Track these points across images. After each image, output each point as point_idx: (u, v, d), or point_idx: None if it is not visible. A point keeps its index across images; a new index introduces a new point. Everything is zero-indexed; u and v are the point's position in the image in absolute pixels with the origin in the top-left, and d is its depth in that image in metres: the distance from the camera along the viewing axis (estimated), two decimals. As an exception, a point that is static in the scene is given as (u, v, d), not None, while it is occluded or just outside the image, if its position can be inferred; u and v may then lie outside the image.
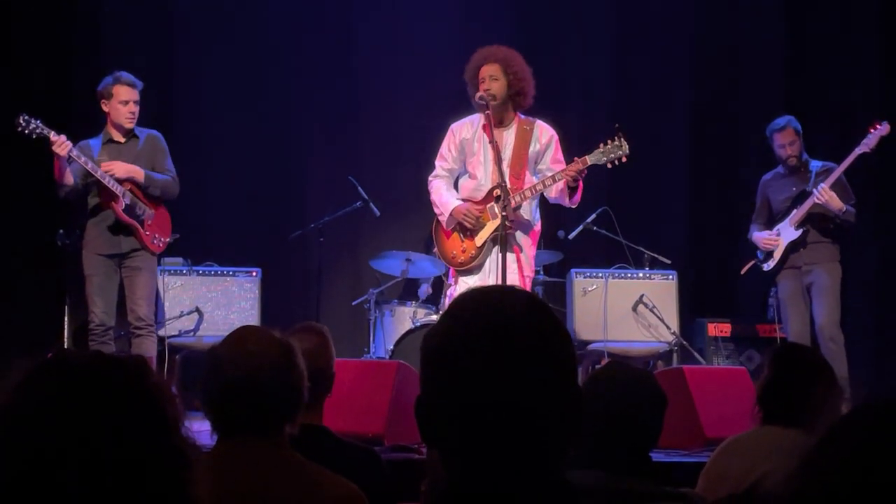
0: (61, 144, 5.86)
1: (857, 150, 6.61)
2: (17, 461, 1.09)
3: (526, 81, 5.74)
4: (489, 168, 5.79)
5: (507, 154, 5.71)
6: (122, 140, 6.26)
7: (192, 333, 7.14)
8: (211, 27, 8.34)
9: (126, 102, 6.19)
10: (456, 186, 5.97)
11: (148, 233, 6.20)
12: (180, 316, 7.11)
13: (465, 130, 5.84)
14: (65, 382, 1.14)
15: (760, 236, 6.95)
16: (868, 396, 1.02)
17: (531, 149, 5.79)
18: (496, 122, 5.74)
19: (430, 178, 5.94)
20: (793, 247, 6.79)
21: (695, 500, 2.35)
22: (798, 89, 8.37)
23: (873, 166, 7.42)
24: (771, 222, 6.98)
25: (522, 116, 5.82)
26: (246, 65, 8.36)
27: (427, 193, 5.99)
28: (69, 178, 6.04)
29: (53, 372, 1.15)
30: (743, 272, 7.18)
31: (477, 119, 5.84)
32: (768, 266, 6.89)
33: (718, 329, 7.61)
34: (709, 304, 8.05)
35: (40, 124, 5.89)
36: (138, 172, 6.20)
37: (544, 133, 5.85)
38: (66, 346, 6.57)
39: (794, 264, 6.80)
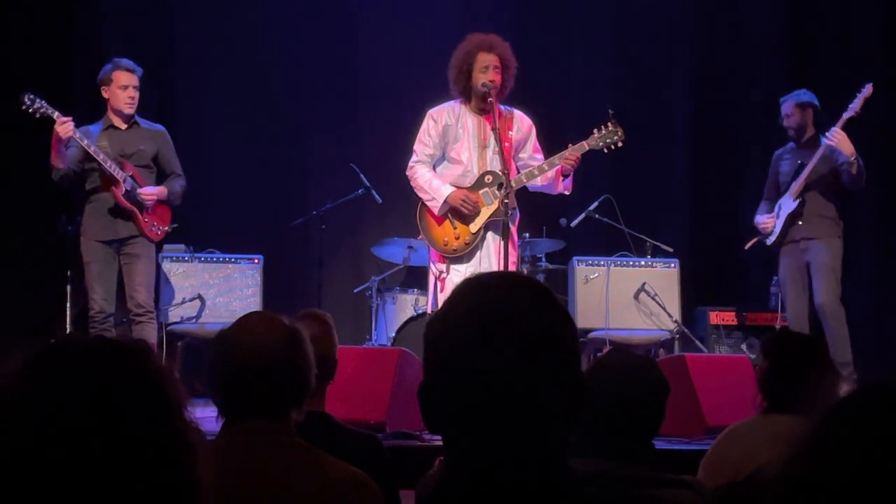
0: (64, 124, 5.85)
1: (845, 115, 6.53)
2: (18, 445, 1.09)
3: (513, 77, 5.77)
4: (476, 154, 5.78)
5: (491, 142, 5.72)
6: (123, 127, 6.26)
7: (193, 320, 7.14)
8: (212, 16, 8.33)
9: (125, 87, 6.18)
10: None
11: (147, 220, 6.21)
12: (182, 303, 7.11)
13: (447, 116, 5.82)
14: (67, 366, 1.14)
15: (758, 221, 6.93)
16: (867, 379, 1.02)
17: (513, 137, 5.81)
18: (478, 111, 5.75)
19: (411, 164, 5.87)
20: (791, 219, 6.73)
21: (696, 488, 2.36)
22: (800, 75, 8.34)
23: (875, 151, 7.43)
24: (778, 198, 6.93)
25: (501, 106, 5.82)
26: (247, 52, 8.35)
27: (407, 179, 5.93)
28: (62, 162, 6.03)
29: (55, 356, 1.15)
30: (747, 247, 7.13)
31: (457, 105, 5.84)
32: (770, 240, 6.85)
33: (720, 317, 7.62)
34: (710, 293, 8.04)
35: (45, 104, 5.89)
36: (163, 192, 6.25)
37: (524, 122, 5.90)
38: (67, 332, 6.57)
39: (793, 238, 6.73)
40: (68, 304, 6.54)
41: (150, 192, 6.20)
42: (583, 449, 2.33)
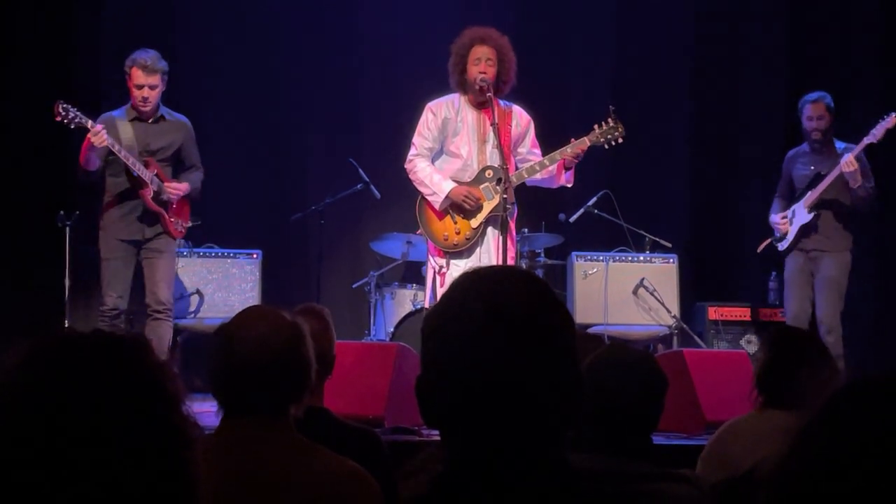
0: (99, 134, 5.73)
1: (865, 140, 6.53)
2: (15, 439, 1.09)
3: (513, 72, 5.76)
4: (475, 148, 5.77)
5: (490, 136, 5.71)
6: (149, 120, 6.14)
7: (192, 315, 7.14)
8: (212, 11, 8.31)
9: (140, 87, 6.03)
10: None
11: (172, 219, 6.15)
12: (181, 298, 7.10)
13: (446, 110, 5.80)
14: (65, 360, 1.14)
15: (774, 220, 6.91)
16: (857, 374, 1.02)
17: (512, 132, 5.80)
18: (477, 105, 5.74)
19: (410, 158, 5.84)
20: (804, 230, 6.73)
21: (695, 482, 2.36)
22: (801, 70, 8.34)
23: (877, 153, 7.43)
24: (792, 198, 6.92)
25: (501, 102, 5.81)
26: (247, 48, 8.34)
27: (406, 173, 5.90)
28: (95, 164, 5.93)
29: (53, 349, 1.15)
30: (759, 250, 7.13)
31: (456, 99, 5.82)
32: (782, 246, 6.85)
33: (719, 313, 7.62)
34: (709, 288, 8.05)
35: (79, 113, 5.76)
36: (186, 187, 6.20)
37: (523, 117, 5.89)
38: (65, 327, 6.56)
39: (803, 247, 6.75)
40: (67, 300, 6.52)
41: (177, 188, 6.13)
42: (581, 444, 2.33)
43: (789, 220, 6.81)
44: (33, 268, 7.31)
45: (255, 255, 7.37)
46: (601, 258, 7.37)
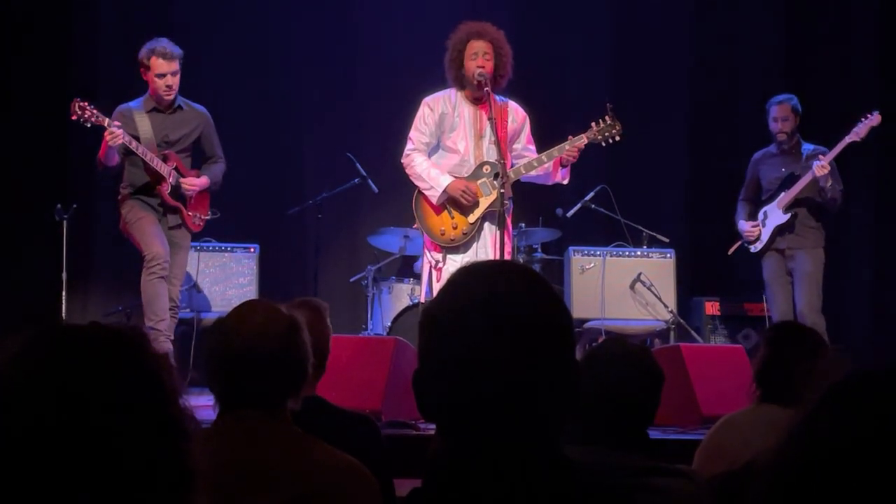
0: (115, 134, 5.70)
1: (847, 139, 6.63)
2: (11, 430, 1.09)
3: (510, 65, 5.75)
4: (472, 143, 5.77)
5: (487, 131, 5.70)
6: (167, 111, 6.14)
7: (189, 309, 7.13)
8: (208, 5, 8.29)
9: (163, 76, 6.03)
10: None
11: (191, 213, 6.15)
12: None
13: (443, 104, 5.79)
14: (62, 353, 1.14)
15: (743, 228, 6.99)
16: (854, 369, 1.02)
17: (508, 127, 5.80)
18: (474, 100, 5.74)
19: (407, 153, 5.82)
20: (779, 230, 6.83)
21: (691, 477, 2.36)
22: (799, 67, 8.35)
23: (872, 150, 7.43)
24: (758, 201, 6.99)
25: (497, 97, 5.80)
26: (245, 40, 8.32)
27: (402, 167, 5.90)
28: (115, 160, 5.91)
29: (49, 342, 1.15)
30: (730, 252, 7.19)
31: (453, 94, 5.81)
32: (756, 248, 6.94)
33: (715, 307, 7.63)
34: (706, 283, 8.05)
35: (96, 112, 5.74)
36: (205, 182, 6.18)
37: (518, 113, 5.89)
38: (63, 320, 6.55)
39: (778, 247, 6.86)
40: (64, 293, 6.52)
41: (194, 184, 6.11)
42: (578, 437, 2.34)
43: (761, 223, 6.91)
44: (30, 261, 7.31)
45: (252, 250, 7.37)
46: (598, 253, 7.38)
